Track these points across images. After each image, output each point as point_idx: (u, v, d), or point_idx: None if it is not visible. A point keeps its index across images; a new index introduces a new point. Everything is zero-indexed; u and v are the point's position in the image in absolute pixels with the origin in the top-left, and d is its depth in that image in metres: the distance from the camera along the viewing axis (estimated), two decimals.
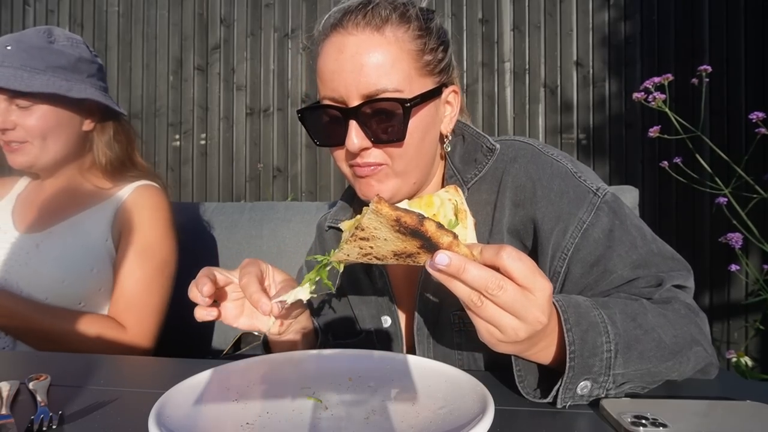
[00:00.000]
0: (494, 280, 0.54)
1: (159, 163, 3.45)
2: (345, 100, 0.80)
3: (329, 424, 0.60)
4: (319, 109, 0.84)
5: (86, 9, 3.56)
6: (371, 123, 0.79)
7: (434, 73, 0.84)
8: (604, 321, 0.64)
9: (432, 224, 0.53)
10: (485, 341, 0.61)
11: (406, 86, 0.79)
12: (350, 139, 0.79)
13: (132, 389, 0.73)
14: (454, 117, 0.90)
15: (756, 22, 2.64)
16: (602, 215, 0.81)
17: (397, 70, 0.79)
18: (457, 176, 0.90)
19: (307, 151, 3.27)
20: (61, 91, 1.20)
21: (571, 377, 0.62)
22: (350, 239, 0.57)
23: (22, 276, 1.19)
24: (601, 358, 0.62)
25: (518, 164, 0.86)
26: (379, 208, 0.51)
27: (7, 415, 0.62)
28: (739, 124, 2.63)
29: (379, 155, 0.82)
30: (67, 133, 1.27)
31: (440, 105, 0.87)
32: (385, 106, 0.78)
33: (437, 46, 0.84)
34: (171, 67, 3.45)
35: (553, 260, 0.81)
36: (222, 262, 1.63)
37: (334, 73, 0.80)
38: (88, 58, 1.29)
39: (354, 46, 0.78)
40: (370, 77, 0.78)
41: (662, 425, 0.56)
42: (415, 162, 0.84)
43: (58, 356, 0.98)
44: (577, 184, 0.83)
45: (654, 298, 0.75)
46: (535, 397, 0.66)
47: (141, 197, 1.33)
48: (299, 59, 3.28)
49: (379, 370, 0.73)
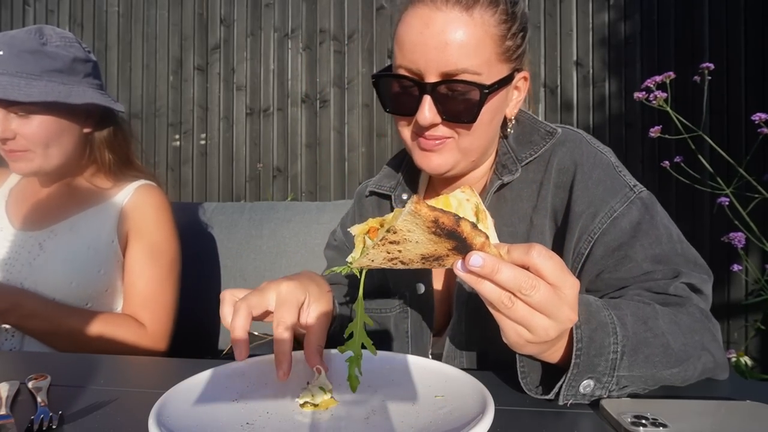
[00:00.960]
0: (527, 280, 0.53)
1: (159, 163, 3.45)
2: (422, 74, 0.80)
3: (329, 424, 0.60)
4: (395, 78, 0.84)
5: (86, 9, 3.56)
6: (445, 101, 0.80)
7: (511, 60, 0.84)
8: (614, 322, 0.64)
9: (467, 224, 0.52)
10: (511, 343, 0.60)
11: (485, 70, 0.80)
12: (422, 113, 0.80)
13: (132, 389, 0.73)
14: (519, 102, 0.92)
15: (756, 22, 2.64)
16: (634, 208, 0.82)
17: (479, 53, 0.79)
18: (511, 154, 0.92)
19: (307, 151, 3.27)
20: (60, 98, 1.18)
21: (575, 374, 0.62)
22: (379, 243, 0.54)
23: (27, 276, 1.19)
24: (606, 359, 0.62)
25: (565, 148, 0.89)
26: (419, 209, 0.49)
27: (7, 415, 0.62)
28: (738, 124, 2.63)
29: (447, 131, 0.84)
30: (68, 137, 1.25)
31: (510, 90, 0.88)
32: (463, 88, 0.79)
33: (518, 32, 0.84)
34: (171, 67, 3.45)
35: (579, 242, 0.83)
36: (222, 263, 1.63)
37: (416, 46, 0.79)
38: (82, 57, 1.26)
39: (441, 23, 0.78)
40: (452, 56, 0.78)
41: (662, 425, 0.56)
42: (479, 142, 0.86)
43: (58, 356, 0.98)
44: (616, 176, 0.85)
45: (668, 291, 0.76)
46: (536, 394, 0.66)
47: (144, 198, 1.33)
48: (299, 59, 3.28)
49: (379, 370, 0.73)
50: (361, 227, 0.61)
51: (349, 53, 3.20)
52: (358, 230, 0.62)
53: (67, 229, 1.25)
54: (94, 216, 1.28)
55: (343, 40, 3.21)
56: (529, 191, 0.89)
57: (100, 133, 1.32)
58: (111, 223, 1.28)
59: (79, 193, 1.32)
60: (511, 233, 0.89)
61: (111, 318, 1.21)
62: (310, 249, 1.59)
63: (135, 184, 1.35)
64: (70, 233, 1.25)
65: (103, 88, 1.33)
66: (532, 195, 0.89)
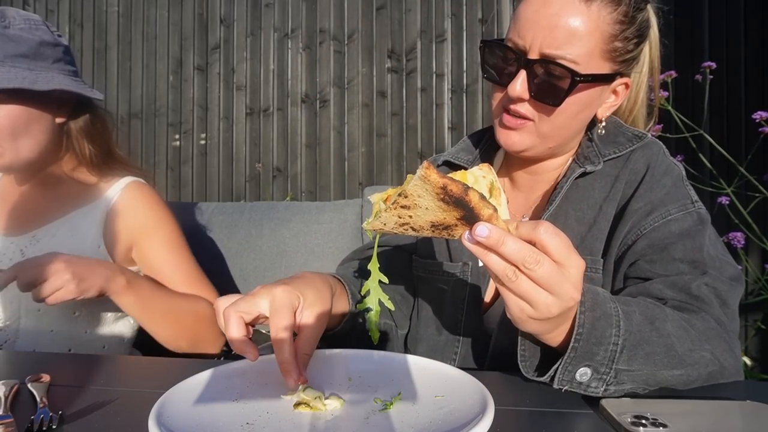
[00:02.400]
0: (531, 254, 0.54)
1: (159, 163, 3.45)
2: (526, 50, 0.83)
3: (329, 424, 0.60)
4: (501, 47, 0.88)
5: (86, 9, 3.56)
6: (539, 79, 0.83)
7: (616, 61, 0.85)
8: (618, 315, 0.64)
9: (476, 194, 0.52)
10: (514, 318, 0.60)
11: (584, 61, 0.82)
12: (514, 84, 0.84)
13: (132, 389, 0.73)
14: (614, 106, 0.93)
15: (756, 22, 2.64)
16: (689, 218, 0.84)
17: (584, 44, 0.81)
18: (594, 148, 0.94)
19: (307, 151, 3.27)
20: (25, 84, 1.07)
21: (573, 358, 0.62)
22: (391, 207, 0.55)
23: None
24: (606, 349, 0.63)
25: (644, 151, 0.91)
26: (428, 174, 0.50)
27: (7, 415, 0.62)
28: (738, 124, 2.63)
29: (530, 110, 0.86)
30: (39, 128, 1.15)
31: (607, 90, 0.90)
32: (557, 71, 0.82)
33: (632, 37, 0.85)
34: (171, 67, 3.45)
35: (628, 233, 0.86)
36: (222, 263, 1.63)
37: (528, 22, 0.83)
38: (50, 40, 1.15)
39: (558, 6, 0.81)
40: (557, 40, 0.81)
41: (662, 425, 0.56)
42: (560, 131, 0.89)
43: (58, 356, 0.98)
44: (681, 187, 0.88)
45: (691, 290, 0.76)
46: (533, 377, 0.67)
47: (135, 199, 1.25)
48: (299, 59, 3.28)
49: (379, 370, 0.73)
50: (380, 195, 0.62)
51: (349, 53, 3.20)
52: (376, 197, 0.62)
53: (50, 234, 1.19)
54: (78, 219, 1.21)
55: (343, 40, 3.21)
56: (603, 183, 0.92)
57: (76, 123, 1.22)
58: (96, 228, 1.20)
59: (62, 192, 1.24)
60: (578, 218, 0.91)
61: (190, 295, 1.22)
62: (310, 249, 1.59)
63: (122, 182, 1.26)
64: (53, 239, 1.18)
65: (78, 75, 1.23)
66: (606, 187, 0.92)
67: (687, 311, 0.74)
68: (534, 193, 1.01)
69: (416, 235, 0.61)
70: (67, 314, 1.19)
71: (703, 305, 0.75)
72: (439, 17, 3.08)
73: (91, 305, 1.20)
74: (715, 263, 0.81)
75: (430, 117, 3.08)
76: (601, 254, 0.88)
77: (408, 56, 3.12)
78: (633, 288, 0.82)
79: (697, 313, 0.74)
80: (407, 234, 0.60)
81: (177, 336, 1.19)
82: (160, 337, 1.19)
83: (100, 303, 1.20)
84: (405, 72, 3.13)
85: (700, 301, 0.76)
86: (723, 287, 0.78)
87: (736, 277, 0.82)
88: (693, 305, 0.75)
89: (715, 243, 0.85)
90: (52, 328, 1.19)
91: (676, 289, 0.77)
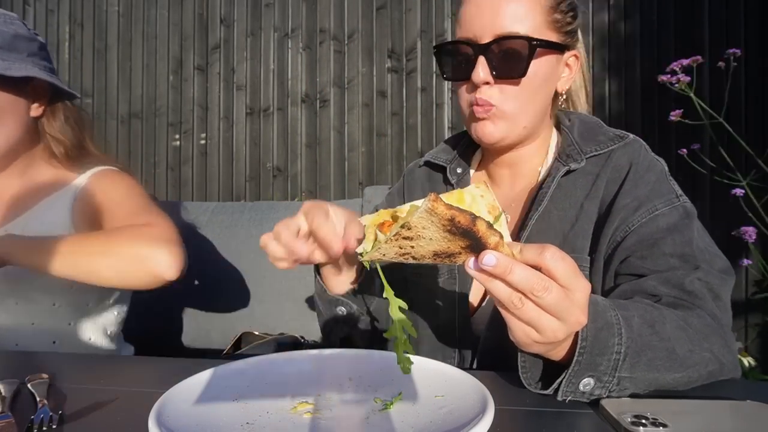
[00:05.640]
0: (540, 281, 0.53)
1: (159, 163, 3.45)
2: (477, 39, 0.89)
3: (329, 424, 0.60)
4: (454, 45, 0.93)
5: (86, 9, 3.56)
6: (498, 59, 0.88)
7: (561, 32, 0.92)
8: (620, 323, 0.64)
9: (483, 224, 0.52)
10: (519, 342, 0.60)
11: (535, 34, 0.88)
12: (476, 72, 0.88)
13: (132, 389, 0.73)
14: (570, 79, 0.99)
15: (756, 22, 2.64)
16: (675, 212, 0.86)
17: (530, 18, 0.88)
18: (576, 146, 0.96)
19: (307, 151, 3.27)
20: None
21: (576, 371, 0.62)
22: (392, 238, 0.54)
23: None
24: (609, 359, 0.62)
25: (626, 149, 0.94)
26: (435, 207, 0.49)
27: (7, 415, 0.62)
28: (738, 124, 2.63)
29: (497, 94, 0.90)
30: (12, 120, 1.14)
31: (560, 63, 0.95)
32: (513, 44, 0.87)
33: (567, 10, 0.93)
34: (171, 67, 3.45)
35: (616, 231, 0.87)
36: (222, 263, 1.63)
37: (473, 17, 0.89)
38: (25, 35, 1.15)
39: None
40: (505, 20, 0.87)
41: (662, 425, 0.56)
42: (526, 107, 0.92)
43: (58, 356, 0.98)
44: (665, 182, 0.90)
45: (684, 286, 0.77)
46: (536, 389, 0.66)
47: (104, 181, 1.23)
48: (299, 59, 3.28)
49: (379, 370, 0.73)
50: (373, 218, 0.61)
51: (349, 53, 3.20)
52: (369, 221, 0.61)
53: (20, 229, 1.16)
54: (47, 209, 1.19)
55: (343, 40, 3.21)
56: (585, 181, 0.93)
57: (51, 117, 1.22)
58: (65, 215, 1.18)
59: (33, 184, 1.22)
60: (560, 216, 0.93)
61: (123, 227, 1.11)
62: None
63: (93, 170, 1.25)
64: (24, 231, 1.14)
65: (54, 72, 1.23)
66: (587, 185, 0.93)
67: (682, 308, 0.74)
68: (513, 189, 1.02)
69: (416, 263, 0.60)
70: (46, 305, 1.17)
71: (696, 300, 0.76)
72: (439, 17, 3.08)
73: (70, 294, 1.19)
74: (705, 256, 0.82)
75: (430, 117, 3.08)
76: (586, 252, 0.89)
77: (408, 56, 3.12)
78: (626, 285, 0.82)
79: (692, 309, 0.74)
80: (406, 262, 0.59)
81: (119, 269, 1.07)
82: (102, 279, 1.08)
83: (79, 293, 1.19)
84: (405, 72, 3.12)
85: (693, 297, 0.76)
86: (715, 281, 0.79)
87: (726, 270, 0.83)
88: (687, 301, 0.76)
89: (703, 235, 0.86)
90: (33, 320, 1.18)
91: (670, 286, 0.78)
